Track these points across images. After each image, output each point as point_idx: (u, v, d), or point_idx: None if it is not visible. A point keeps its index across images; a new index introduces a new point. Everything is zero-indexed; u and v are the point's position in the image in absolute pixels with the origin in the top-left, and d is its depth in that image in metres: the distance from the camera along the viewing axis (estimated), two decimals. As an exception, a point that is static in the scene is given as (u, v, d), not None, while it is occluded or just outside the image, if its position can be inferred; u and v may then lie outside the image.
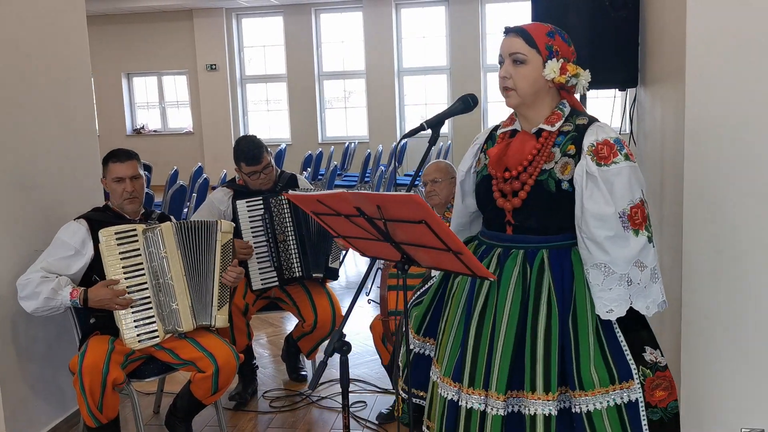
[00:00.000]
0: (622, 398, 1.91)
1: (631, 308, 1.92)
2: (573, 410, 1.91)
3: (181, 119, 13.58)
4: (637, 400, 1.91)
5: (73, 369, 2.83)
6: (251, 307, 3.63)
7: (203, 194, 6.68)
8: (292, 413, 3.62)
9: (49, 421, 3.34)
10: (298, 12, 12.58)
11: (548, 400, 1.89)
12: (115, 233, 2.94)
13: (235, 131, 13.09)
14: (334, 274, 3.68)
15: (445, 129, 2.32)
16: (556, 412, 1.89)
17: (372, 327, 3.41)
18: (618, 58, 3.21)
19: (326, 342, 3.76)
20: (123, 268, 2.95)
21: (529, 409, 1.90)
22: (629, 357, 1.93)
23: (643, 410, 1.92)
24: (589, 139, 1.93)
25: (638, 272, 1.90)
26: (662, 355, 1.97)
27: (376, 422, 3.45)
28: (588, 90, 2.05)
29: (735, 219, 2.39)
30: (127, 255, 2.96)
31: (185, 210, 6.50)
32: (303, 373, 4.03)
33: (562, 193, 1.94)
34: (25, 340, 3.19)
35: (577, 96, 2.12)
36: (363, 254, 2.01)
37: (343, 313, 3.66)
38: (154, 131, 13.59)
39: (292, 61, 12.81)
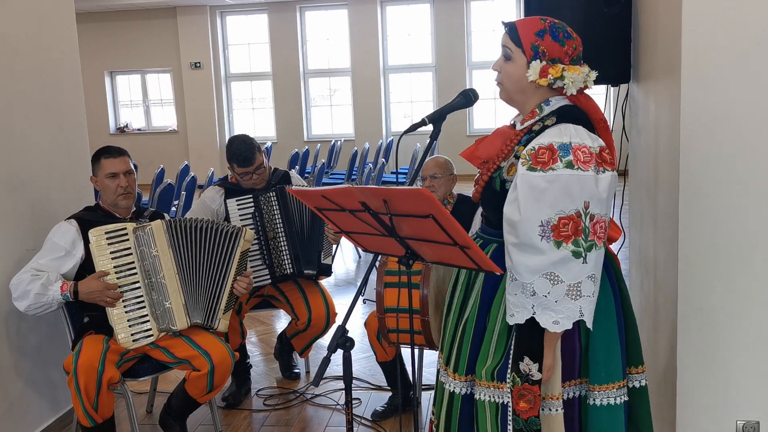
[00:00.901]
0: (499, 397, 1.95)
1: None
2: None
3: (165, 118, 13.49)
4: (507, 403, 1.94)
5: (68, 368, 2.80)
6: (245, 305, 3.61)
7: (192, 192, 6.64)
8: (287, 411, 3.61)
9: (41, 420, 3.31)
10: (283, 9, 12.53)
11: (455, 380, 2.05)
12: (105, 232, 2.92)
13: (220, 130, 13.03)
14: (327, 271, 3.67)
15: (429, 126, 2.32)
16: (461, 392, 2.04)
17: (367, 324, 3.41)
18: (610, 54, 3.23)
19: (319, 340, 3.78)
20: (114, 267, 2.92)
21: (445, 383, 2.09)
22: (510, 361, 1.93)
23: (510, 415, 1.94)
24: (536, 142, 1.85)
25: (547, 285, 1.80)
26: (539, 371, 1.91)
27: (371, 419, 3.45)
28: (575, 92, 1.99)
29: (731, 213, 2.40)
30: (118, 254, 2.94)
31: (173, 209, 6.46)
32: (296, 371, 4.02)
33: (505, 193, 1.91)
34: (17, 340, 3.16)
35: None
36: (365, 250, 2.01)
37: (338, 311, 3.69)
38: (138, 130, 13.49)
39: (277, 59, 12.76)
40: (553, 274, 1.78)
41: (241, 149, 3.46)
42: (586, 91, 1.98)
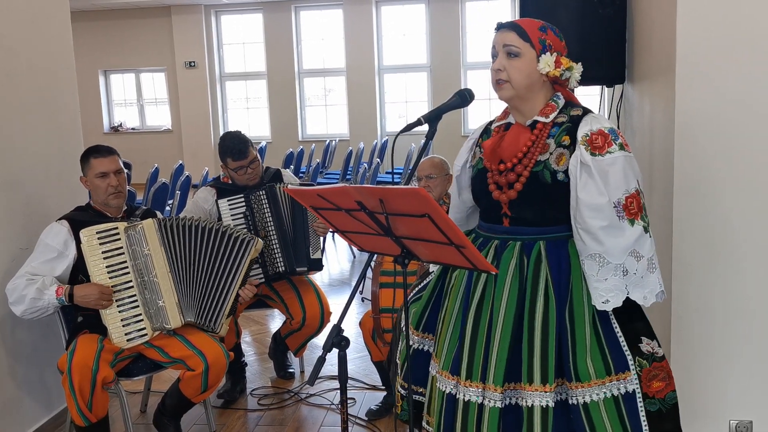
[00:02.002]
0: (619, 389, 1.92)
1: (627, 299, 1.91)
2: (570, 402, 1.92)
3: (160, 117, 13.45)
4: (634, 391, 1.92)
5: (62, 368, 2.80)
6: (239, 305, 3.60)
7: (186, 192, 6.63)
8: (281, 411, 3.60)
9: (35, 420, 3.30)
10: (278, 9, 12.51)
11: (546, 392, 1.90)
12: (97, 232, 2.91)
13: (214, 129, 13.00)
14: (317, 265, 3.67)
15: (425, 126, 2.33)
16: (553, 404, 1.91)
17: (362, 323, 3.41)
18: (605, 55, 3.23)
19: (314, 339, 3.78)
20: (107, 267, 2.91)
21: (526, 401, 1.92)
22: (625, 348, 1.94)
23: (640, 401, 1.93)
24: (584, 129, 1.93)
25: (634, 262, 1.89)
26: (659, 346, 1.98)
27: (366, 419, 3.45)
28: (578, 86, 2.07)
29: (725, 212, 2.42)
30: (110, 254, 2.93)
31: (168, 208, 6.45)
32: (291, 370, 4.01)
33: (557, 184, 1.95)
34: (11, 340, 3.15)
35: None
36: (361, 249, 2.00)
37: (332, 310, 3.69)
38: (132, 129, 13.45)
39: (271, 59, 12.74)
40: (635, 251, 1.89)
41: (235, 143, 3.49)
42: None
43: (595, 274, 1.91)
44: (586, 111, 2.00)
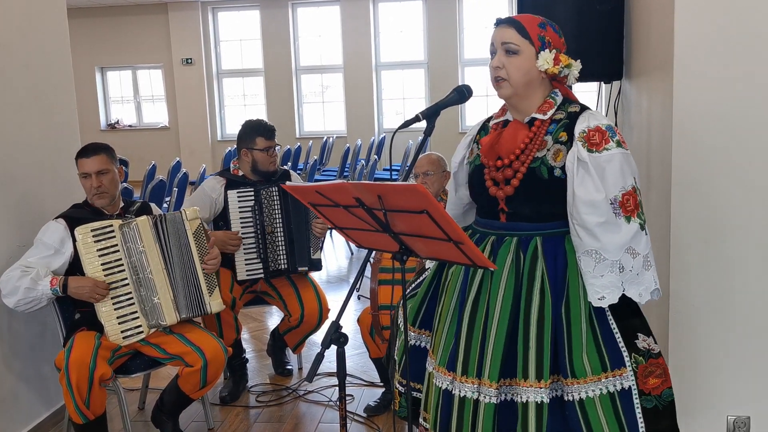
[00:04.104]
0: (615, 386, 1.91)
1: (623, 295, 1.92)
2: (566, 398, 1.93)
3: (157, 114, 13.42)
4: (630, 387, 1.92)
5: (60, 365, 2.80)
6: (238, 301, 3.61)
7: (183, 189, 6.62)
8: (279, 407, 3.61)
9: (33, 417, 3.30)
10: (275, 6, 12.49)
11: (540, 388, 1.90)
12: (92, 230, 2.89)
13: (211, 126, 12.98)
14: (317, 265, 3.69)
15: (422, 123, 2.35)
16: (548, 400, 1.91)
17: (360, 320, 3.41)
18: (603, 51, 3.23)
19: (312, 336, 3.79)
20: (102, 264, 2.90)
21: (521, 397, 1.92)
22: (621, 344, 1.94)
23: (636, 398, 1.93)
24: (581, 125, 1.94)
25: (630, 259, 1.89)
26: (656, 342, 1.98)
27: (365, 415, 3.45)
28: (576, 82, 2.07)
29: (722, 209, 2.42)
30: (106, 252, 2.91)
31: (165, 205, 6.45)
32: (289, 367, 4.02)
33: (554, 180, 1.95)
34: (9, 337, 3.15)
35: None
36: (359, 246, 2.00)
37: (330, 307, 3.69)
38: (129, 126, 13.43)
39: (268, 56, 12.72)
40: (631, 248, 1.90)
41: (263, 123, 3.58)
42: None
43: (591, 271, 1.91)
44: (584, 108, 2.00)
